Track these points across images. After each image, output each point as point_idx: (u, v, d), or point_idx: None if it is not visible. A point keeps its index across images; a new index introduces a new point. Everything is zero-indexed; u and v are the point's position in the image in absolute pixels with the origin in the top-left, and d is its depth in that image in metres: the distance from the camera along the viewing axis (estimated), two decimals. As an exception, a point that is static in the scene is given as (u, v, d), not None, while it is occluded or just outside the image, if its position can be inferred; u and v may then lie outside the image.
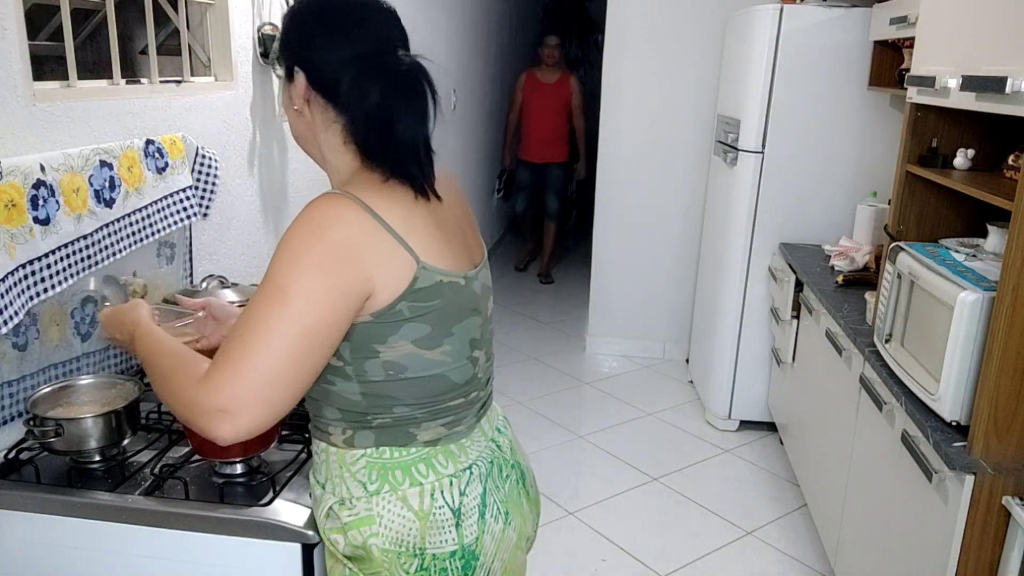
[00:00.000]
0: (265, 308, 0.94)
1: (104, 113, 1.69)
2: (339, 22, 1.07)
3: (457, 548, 1.09)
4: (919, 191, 2.18)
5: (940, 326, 1.70)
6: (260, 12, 2.26)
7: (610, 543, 2.67)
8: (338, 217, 0.98)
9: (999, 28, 1.65)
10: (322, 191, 1.05)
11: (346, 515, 1.08)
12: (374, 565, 1.07)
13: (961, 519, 1.58)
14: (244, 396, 0.92)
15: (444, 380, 1.09)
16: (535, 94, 5.26)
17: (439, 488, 1.09)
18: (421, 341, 1.04)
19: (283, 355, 0.94)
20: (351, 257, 0.97)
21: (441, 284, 1.04)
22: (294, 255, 0.96)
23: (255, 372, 0.93)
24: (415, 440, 1.09)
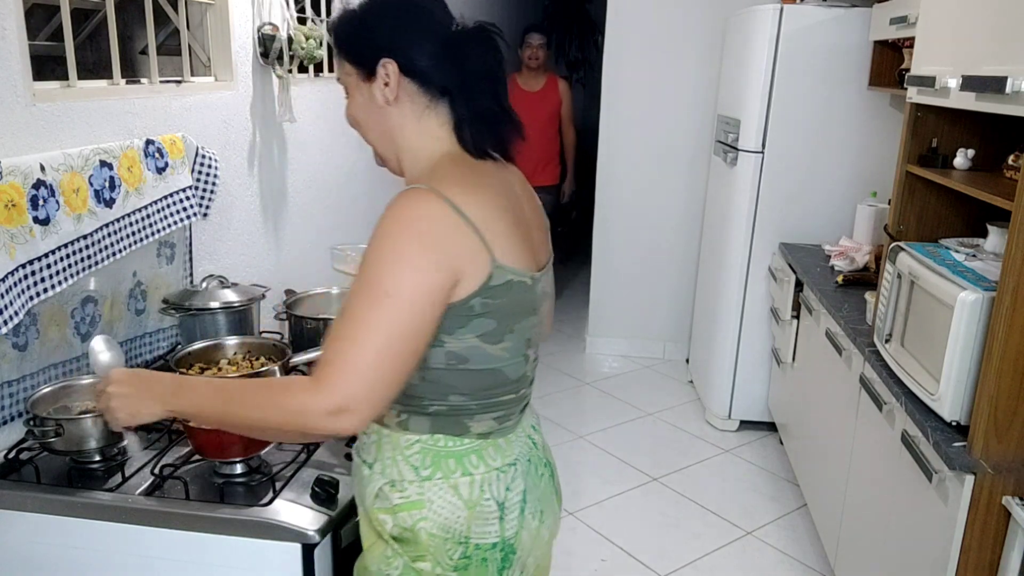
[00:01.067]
0: (367, 308, 0.97)
1: (104, 113, 1.69)
2: (411, 8, 1.11)
3: (499, 540, 1.12)
4: (919, 191, 2.17)
5: (940, 326, 1.70)
6: (260, 12, 2.26)
7: (610, 543, 2.67)
8: (428, 214, 1.01)
9: (999, 28, 1.65)
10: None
11: (397, 497, 1.10)
12: (420, 548, 1.10)
13: (961, 519, 1.58)
14: (360, 393, 0.96)
15: (500, 375, 1.12)
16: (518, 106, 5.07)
17: (487, 481, 1.12)
18: (486, 336, 1.07)
19: (391, 352, 0.97)
20: (442, 254, 1.00)
21: (511, 283, 1.07)
22: (391, 255, 0.99)
23: (368, 370, 0.96)
24: (469, 431, 1.11)
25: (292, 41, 2.33)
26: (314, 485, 1.34)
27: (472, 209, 1.03)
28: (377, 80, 1.10)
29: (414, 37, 1.09)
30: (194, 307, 1.82)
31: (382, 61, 1.09)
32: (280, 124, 2.45)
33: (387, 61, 1.09)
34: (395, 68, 1.09)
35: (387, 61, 1.09)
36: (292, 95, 2.42)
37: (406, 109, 1.12)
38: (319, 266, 2.75)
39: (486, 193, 1.08)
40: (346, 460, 1.48)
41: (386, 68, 1.09)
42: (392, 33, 1.10)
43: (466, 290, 1.03)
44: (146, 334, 1.88)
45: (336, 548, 1.34)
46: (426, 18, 1.11)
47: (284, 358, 1.66)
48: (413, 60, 1.09)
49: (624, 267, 4.26)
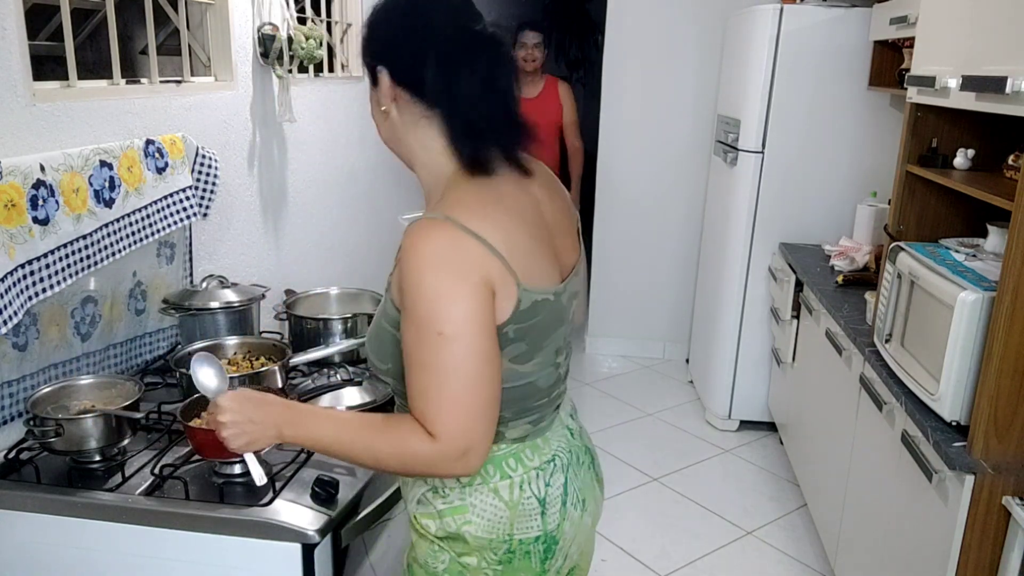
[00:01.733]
0: (436, 354, 0.98)
1: (104, 113, 1.69)
2: (410, 14, 1.08)
3: (541, 534, 1.15)
4: (919, 191, 2.17)
5: (940, 326, 1.70)
6: (260, 12, 2.26)
7: (610, 543, 2.67)
8: (452, 245, 1.00)
9: (999, 28, 1.65)
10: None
11: (440, 503, 1.13)
12: (467, 547, 1.13)
13: (961, 519, 1.58)
14: (473, 433, 1.00)
15: (532, 387, 1.13)
16: None
17: (527, 480, 1.14)
18: (517, 358, 1.08)
19: (479, 384, 1.00)
20: (477, 276, 1.00)
21: (537, 303, 1.07)
22: (433, 296, 0.98)
23: (471, 410, 0.99)
24: (504, 438, 1.13)
25: (292, 41, 2.33)
26: (314, 485, 1.34)
27: (491, 234, 1.02)
28: (379, 87, 1.10)
29: (407, 45, 1.07)
30: (194, 307, 1.82)
31: (378, 68, 1.09)
32: (280, 124, 2.45)
33: (380, 68, 1.09)
34: (387, 76, 1.08)
35: (380, 68, 1.09)
36: (292, 95, 2.42)
37: (405, 119, 1.10)
38: (319, 266, 2.75)
39: (503, 213, 1.06)
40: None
41: (381, 76, 1.09)
42: (386, 40, 1.09)
43: (500, 317, 1.03)
44: (146, 334, 1.88)
45: (336, 548, 1.34)
46: (423, 27, 1.07)
47: (284, 358, 1.67)
48: (403, 69, 1.07)
49: (624, 267, 4.26)
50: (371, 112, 1.15)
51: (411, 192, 3.76)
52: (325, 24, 2.80)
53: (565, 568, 1.21)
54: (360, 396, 1.63)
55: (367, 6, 3.06)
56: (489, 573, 1.14)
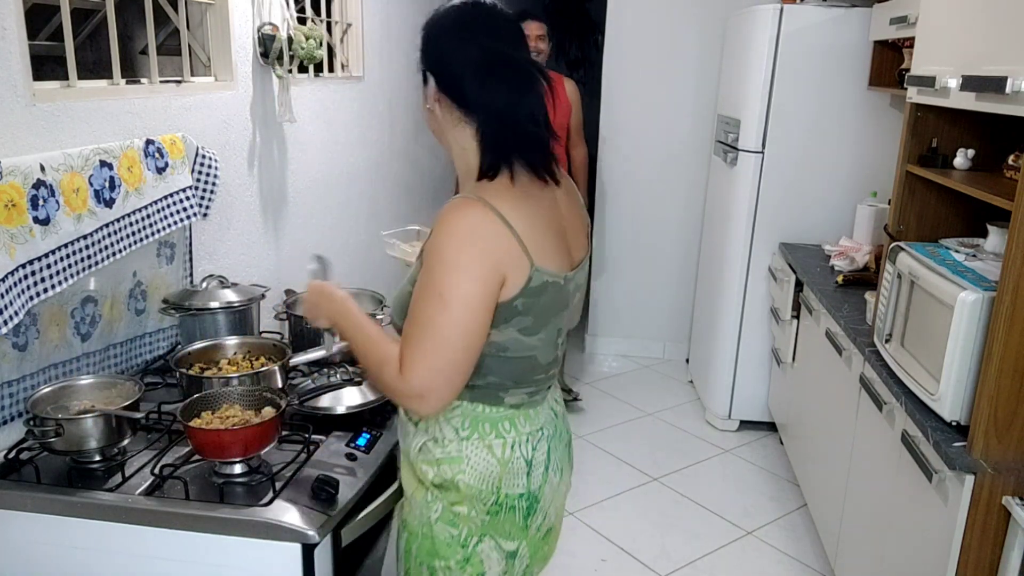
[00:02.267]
0: (432, 313, 1.14)
1: (104, 113, 1.69)
2: (460, 33, 1.21)
3: (525, 492, 1.29)
4: (919, 191, 2.17)
5: (940, 326, 1.70)
6: (260, 12, 2.26)
7: (610, 543, 2.67)
8: (479, 224, 1.15)
9: (999, 28, 1.65)
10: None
11: (438, 452, 1.27)
12: (458, 495, 1.26)
13: (961, 519, 1.58)
14: (431, 384, 1.14)
15: (534, 360, 1.26)
16: None
17: (518, 443, 1.28)
18: (524, 330, 1.22)
19: (454, 349, 1.14)
20: (492, 262, 1.15)
21: (547, 284, 1.21)
22: (451, 265, 1.14)
23: (436, 365, 1.14)
24: (503, 402, 1.27)
25: (292, 41, 2.33)
26: (314, 485, 1.34)
27: (514, 217, 1.16)
28: (428, 89, 1.25)
29: (453, 61, 1.20)
30: (194, 307, 1.82)
31: (428, 73, 1.24)
32: (280, 124, 2.45)
33: (430, 75, 1.24)
34: (433, 82, 1.23)
35: (430, 75, 1.24)
36: (292, 95, 2.42)
37: (446, 119, 1.24)
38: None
39: (526, 202, 1.20)
40: (347, 460, 1.48)
41: (430, 80, 1.24)
42: (437, 52, 1.23)
43: (510, 292, 1.17)
44: (146, 334, 1.88)
45: (336, 548, 1.34)
46: (468, 47, 1.19)
47: (284, 358, 1.66)
48: (446, 80, 1.21)
49: (624, 267, 4.26)
50: (422, 104, 1.29)
51: (411, 192, 3.76)
52: (325, 24, 2.80)
53: (544, 527, 1.34)
54: (360, 396, 1.63)
55: (367, 6, 3.07)
56: (478, 523, 1.27)
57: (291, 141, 2.55)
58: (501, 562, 1.29)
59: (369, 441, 1.56)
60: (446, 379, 1.15)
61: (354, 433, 1.57)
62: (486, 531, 1.28)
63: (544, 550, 1.38)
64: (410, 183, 3.73)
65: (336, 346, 1.72)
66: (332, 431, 1.57)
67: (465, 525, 1.27)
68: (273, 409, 1.46)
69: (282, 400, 1.46)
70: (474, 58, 1.18)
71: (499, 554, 1.29)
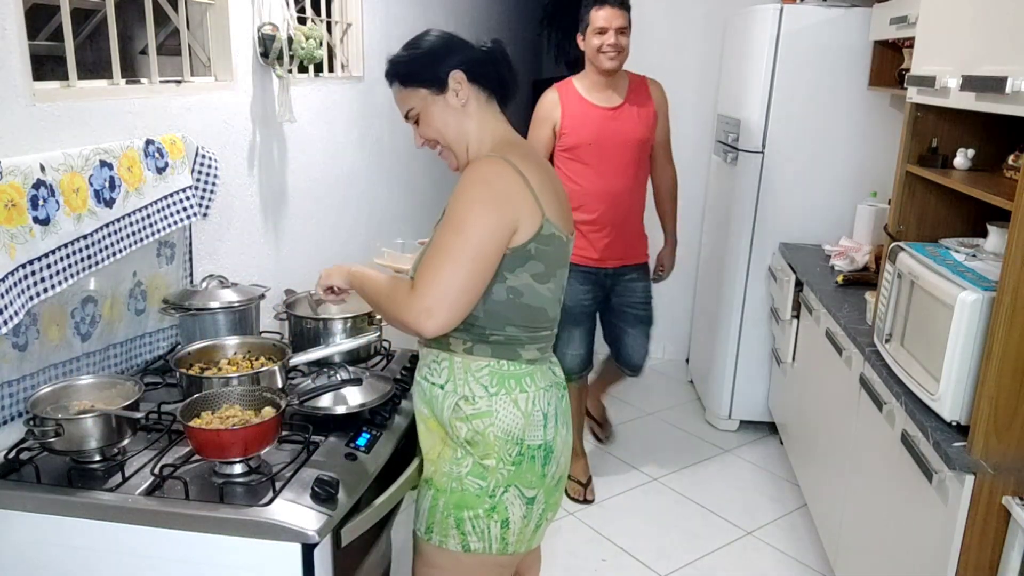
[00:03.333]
0: (450, 237, 1.33)
1: (104, 113, 1.69)
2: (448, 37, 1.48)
3: (543, 442, 1.46)
4: (919, 191, 2.17)
5: (940, 326, 1.70)
6: (260, 12, 2.26)
7: (610, 543, 2.67)
8: (499, 173, 1.37)
9: (999, 28, 1.65)
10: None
11: (469, 409, 1.43)
12: (487, 448, 1.43)
13: (961, 519, 1.58)
14: (440, 299, 1.30)
15: (543, 312, 1.46)
16: (585, 131, 2.62)
17: (537, 397, 1.46)
18: (537, 276, 1.41)
19: (464, 270, 1.32)
20: (508, 202, 1.35)
21: (554, 236, 1.41)
22: (469, 199, 1.35)
23: (446, 282, 1.31)
24: (521, 358, 1.45)
25: (292, 41, 2.33)
26: (314, 485, 1.34)
27: (529, 174, 1.38)
28: (450, 90, 1.44)
29: (466, 54, 1.45)
30: (194, 307, 1.82)
31: (452, 74, 1.43)
32: (280, 124, 2.45)
33: (455, 72, 1.43)
34: (462, 75, 1.43)
35: (455, 72, 1.43)
36: (292, 95, 2.42)
37: (473, 106, 1.46)
38: (320, 266, 2.75)
39: (538, 167, 1.43)
40: (347, 460, 1.48)
41: (455, 78, 1.43)
42: (453, 53, 1.45)
43: (523, 237, 1.37)
44: (146, 334, 1.88)
45: (336, 548, 1.34)
46: (466, 43, 1.48)
47: (284, 358, 1.67)
48: (472, 68, 1.44)
49: (624, 267, 4.26)
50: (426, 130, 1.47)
51: (411, 192, 3.76)
52: (325, 24, 2.80)
53: (556, 475, 1.51)
54: (360, 396, 1.63)
55: (367, 6, 3.07)
56: (504, 473, 1.43)
57: (291, 141, 2.55)
58: (522, 507, 1.46)
59: (369, 441, 1.56)
60: (453, 299, 1.31)
61: (354, 433, 1.57)
62: (511, 481, 1.44)
63: (555, 496, 1.54)
64: (410, 183, 3.73)
65: (339, 346, 1.74)
66: (332, 431, 1.57)
67: (492, 477, 1.43)
68: (273, 409, 1.46)
69: (282, 400, 1.46)
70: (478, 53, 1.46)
71: (521, 501, 1.45)
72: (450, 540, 1.46)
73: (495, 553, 1.47)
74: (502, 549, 1.47)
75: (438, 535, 1.47)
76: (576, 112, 2.62)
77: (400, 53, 1.48)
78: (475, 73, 1.45)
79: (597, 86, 2.64)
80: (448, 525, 1.46)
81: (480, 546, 1.46)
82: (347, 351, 1.78)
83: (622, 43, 2.55)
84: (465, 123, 1.46)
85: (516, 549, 1.49)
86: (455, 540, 1.46)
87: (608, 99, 2.64)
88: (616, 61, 2.56)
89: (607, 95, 2.64)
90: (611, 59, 2.55)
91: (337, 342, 1.81)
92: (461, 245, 1.31)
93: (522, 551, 1.51)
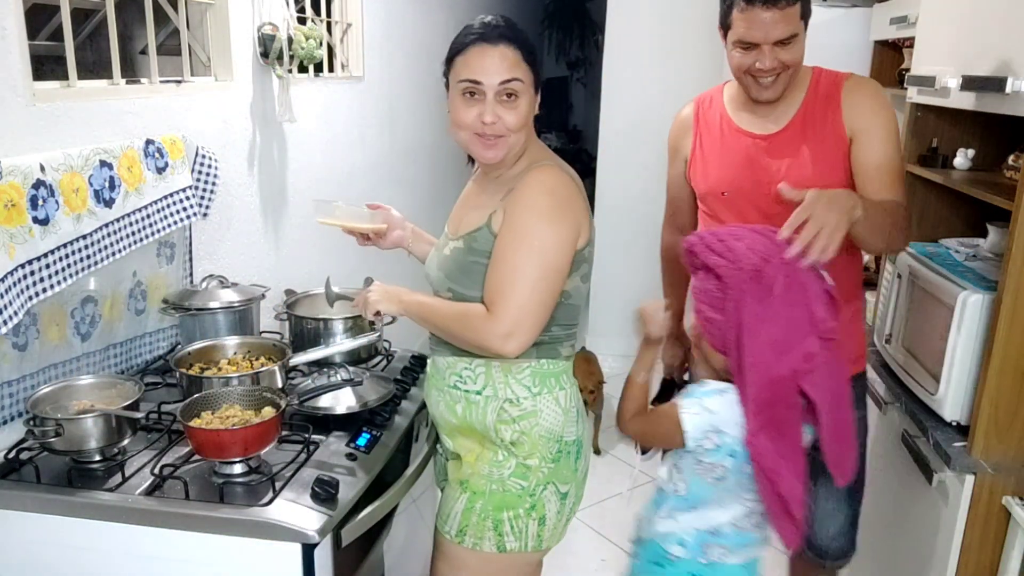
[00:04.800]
0: (522, 254, 1.31)
1: (104, 113, 1.69)
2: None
3: (576, 438, 1.48)
4: (919, 191, 2.17)
5: (940, 326, 1.70)
6: (260, 12, 2.25)
7: (610, 543, 2.67)
8: (562, 182, 1.36)
9: (999, 28, 1.65)
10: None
11: (515, 411, 1.42)
12: (531, 447, 1.43)
13: (961, 519, 1.58)
14: (520, 321, 1.30)
15: (578, 309, 1.46)
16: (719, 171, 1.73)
17: (573, 394, 1.48)
18: (584, 276, 1.43)
19: (540, 288, 1.31)
20: (572, 211, 1.35)
21: (592, 239, 1.43)
22: (539, 213, 1.32)
23: (524, 302, 1.30)
24: (560, 355, 1.45)
25: (292, 41, 2.33)
26: (314, 485, 1.34)
27: (578, 182, 1.40)
28: (533, 96, 1.40)
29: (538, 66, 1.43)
30: (194, 307, 1.82)
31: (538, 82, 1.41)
32: (280, 124, 2.45)
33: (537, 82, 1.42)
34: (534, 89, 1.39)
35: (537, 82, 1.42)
36: (292, 95, 2.42)
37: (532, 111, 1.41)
38: (319, 266, 2.75)
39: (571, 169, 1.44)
40: (347, 460, 1.48)
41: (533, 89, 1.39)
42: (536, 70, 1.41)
43: (582, 242, 1.38)
44: (146, 334, 1.88)
45: (336, 548, 1.34)
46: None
47: (284, 358, 1.66)
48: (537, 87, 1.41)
49: (624, 267, 4.26)
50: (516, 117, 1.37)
51: (411, 191, 3.76)
52: (325, 24, 2.80)
53: (584, 469, 1.53)
54: (360, 396, 1.63)
55: (367, 6, 3.07)
56: (544, 471, 1.44)
57: (291, 141, 2.55)
58: (557, 503, 1.46)
59: (369, 441, 1.55)
60: (533, 319, 1.31)
61: (354, 433, 1.57)
62: (550, 479, 1.44)
63: (582, 490, 1.55)
64: (410, 182, 3.73)
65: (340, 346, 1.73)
66: (332, 431, 1.57)
67: (534, 476, 1.43)
68: (273, 409, 1.46)
69: (282, 400, 1.46)
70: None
71: (557, 497, 1.46)
72: (485, 542, 1.44)
73: (530, 551, 1.46)
74: (537, 546, 1.47)
75: (472, 538, 1.45)
76: (713, 139, 1.74)
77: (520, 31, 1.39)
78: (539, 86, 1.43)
79: (743, 103, 1.70)
80: (485, 527, 1.44)
81: (516, 545, 1.45)
82: (347, 351, 1.78)
83: (785, 60, 1.56)
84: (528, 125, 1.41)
85: (549, 545, 1.50)
86: (490, 542, 1.44)
87: (765, 120, 1.67)
88: (774, 90, 1.60)
89: (765, 113, 1.66)
90: (766, 88, 1.60)
91: (337, 342, 1.81)
92: (534, 263, 1.30)
93: (552, 546, 1.52)
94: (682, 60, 3.93)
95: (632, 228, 4.19)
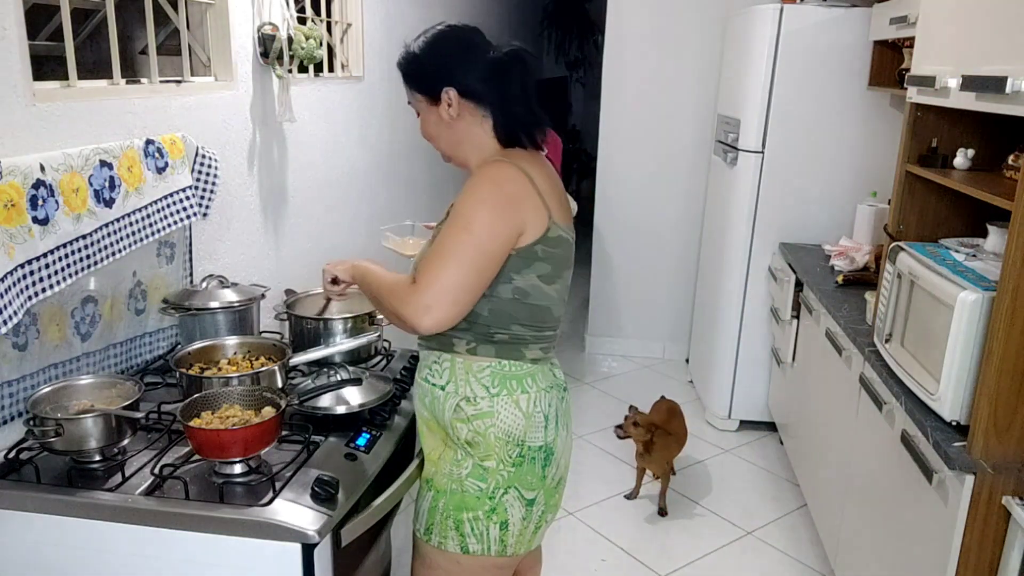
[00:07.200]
0: (456, 235, 1.32)
1: (104, 113, 1.69)
2: (459, 43, 1.44)
3: (543, 444, 1.46)
4: (919, 191, 2.17)
5: (940, 326, 1.70)
6: (260, 12, 2.25)
7: (610, 543, 2.67)
8: (508, 176, 1.37)
9: (999, 28, 1.65)
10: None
11: (471, 410, 1.43)
12: (487, 449, 1.43)
13: (961, 519, 1.58)
14: (441, 296, 1.30)
15: (548, 312, 1.46)
16: None
17: (538, 398, 1.45)
18: (543, 277, 1.41)
19: (467, 268, 1.31)
20: (515, 205, 1.35)
21: (560, 237, 1.42)
22: (478, 199, 1.35)
23: (449, 280, 1.30)
24: (524, 357, 1.44)
25: (292, 41, 2.33)
26: (314, 485, 1.34)
27: (534, 175, 1.39)
28: (442, 104, 1.43)
29: (466, 67, 1.41)
30: (194, 307, 1.82)
31: (444, 89, 1.41)
32: (280, 124, 2.45)
33: (448, 89, 1.41)
34: (455, 93, 1.42)
35: (448, 89, 1.41)
36: (292, 95, 2.42)
37: (466, 122, 1.44)
38: (319, 266, 2.75)
39: (541, 169, 1.43)
40: (347, 460, 1.48)
41: (448, 94, 1.42)
42: (448, 66, 1.42)
43: (530, 238, 1.37)
44: (146, 334, 1.88)
45: (336, 548, 1.34)
46: (472, 50, 1.43)
47: (284, 358, 1.66)
48: (467, 85, 1.41)
49: (624, 266, 4.27)
50: (424, 127, 1.49)
51: (411, 191, 3.76)
52: (325, 24, 2.80)
53: (556, 477, 1.50)
54: (360, 396, 1.63)
55: (367, 6, 3.07)
56: (504, 475, 1.43)
57: (291, 141, 2.55)
58: (522, 509, 1.46)
59: (369, 441, 1.55)
60: (454, 297, 1.31)
61: (354, 433, 1.57)
62: (511, 483, 1.44)
63: (555, 499, 1.53)
64: (410, 182, 3.73)
65: (340, 346, 1.74)
66: (332, 431, 1.57)
67: (492, 478, 1.43)
68: (273, 409, 1.46)
69: (282, 400, 1.46)
70: (487, 64, 1.41)
71: (521, 502, 1.45)
72: (449, 541, 1.47)
73: (494, 555, 1.47)
74: (501, 551, 1.47)
75: (437, 536, 1.48)
76: None
77: (406, 51, 1.47)
78: (472, 91, 1.42)
79: None
80: (448, 526, 1.46)
81: (479, 548, 1.46)
82: (347, 351, 1.78)
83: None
84: (460, 137, 1.46)
85: (515, 551, 1.49)
86: (454, 541, 1.47)
87: None
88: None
89: None
90: None
91: (337, 342, 1.81)
92: (465, 244, 1.31)
93: (521, 553, 1.51)
94: (682, 60, 3.94)
95: (631, 228, 4.19)
